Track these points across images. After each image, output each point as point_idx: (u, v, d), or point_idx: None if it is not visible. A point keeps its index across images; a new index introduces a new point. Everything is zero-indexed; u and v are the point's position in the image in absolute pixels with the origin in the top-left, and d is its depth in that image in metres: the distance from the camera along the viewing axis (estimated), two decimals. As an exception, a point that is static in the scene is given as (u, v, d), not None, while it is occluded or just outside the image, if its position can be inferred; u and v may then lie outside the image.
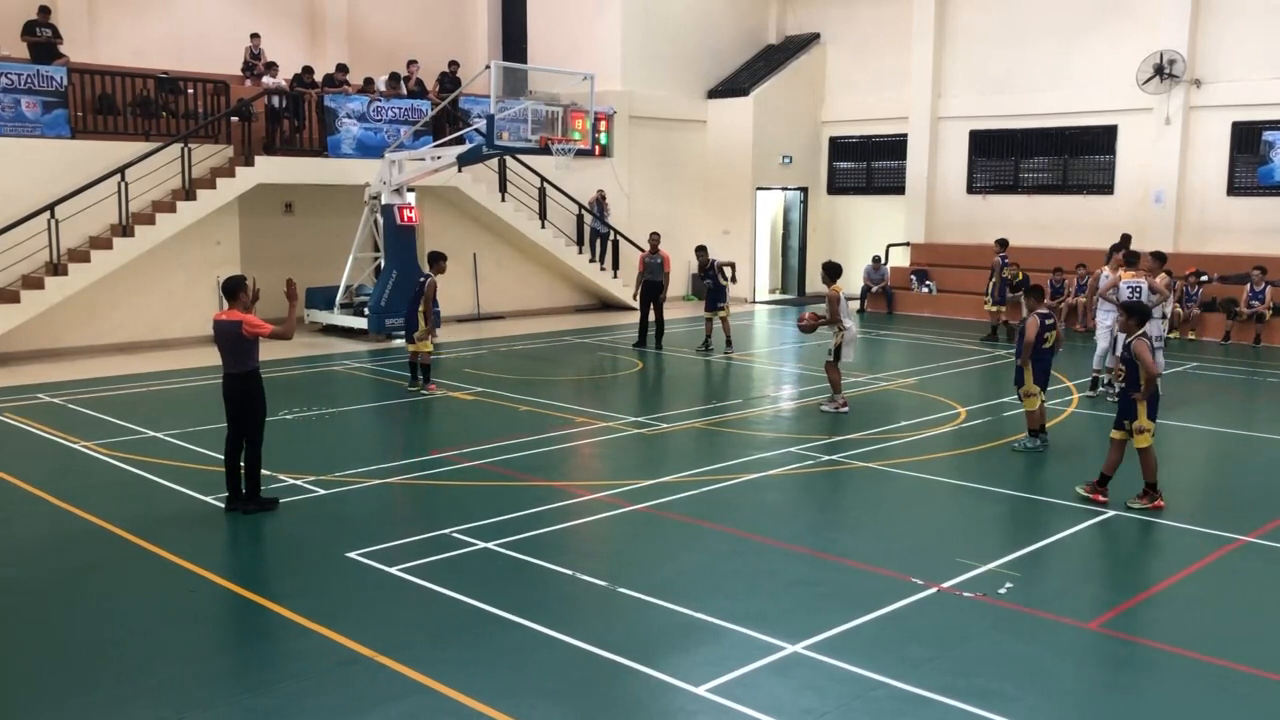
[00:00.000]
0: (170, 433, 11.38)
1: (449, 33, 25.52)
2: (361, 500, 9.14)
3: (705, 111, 25.82)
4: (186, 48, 21.07)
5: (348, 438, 11.74)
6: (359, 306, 19.03)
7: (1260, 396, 14.68)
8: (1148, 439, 8.71)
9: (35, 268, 16.14)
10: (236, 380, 8.57)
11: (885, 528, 8.73)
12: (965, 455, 10.88)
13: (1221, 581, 7.54)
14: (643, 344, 17.66)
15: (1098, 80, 22.11)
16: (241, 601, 7.00)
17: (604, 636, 6.27)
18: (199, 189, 17.53)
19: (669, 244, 24.49)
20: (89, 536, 8.18)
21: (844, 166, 26.94)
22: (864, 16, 25.75)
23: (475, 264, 21.33)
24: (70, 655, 6.12)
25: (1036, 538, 8.21)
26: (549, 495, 9.25)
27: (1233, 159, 20.83)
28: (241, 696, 5.63)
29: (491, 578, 7.29)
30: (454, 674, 5.78)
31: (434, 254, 14.39)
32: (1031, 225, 22.84)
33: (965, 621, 6.59)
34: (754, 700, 5.50)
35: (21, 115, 16.26)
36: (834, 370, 12.76)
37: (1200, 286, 19.79)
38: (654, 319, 17.64)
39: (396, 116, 19.83)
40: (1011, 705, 5.48)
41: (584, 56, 22.74)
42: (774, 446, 11.07)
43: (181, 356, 16.20)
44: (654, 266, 17.57)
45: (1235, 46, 20.51)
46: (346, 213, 19.48)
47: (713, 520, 8.59)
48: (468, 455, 10.55)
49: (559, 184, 21.78)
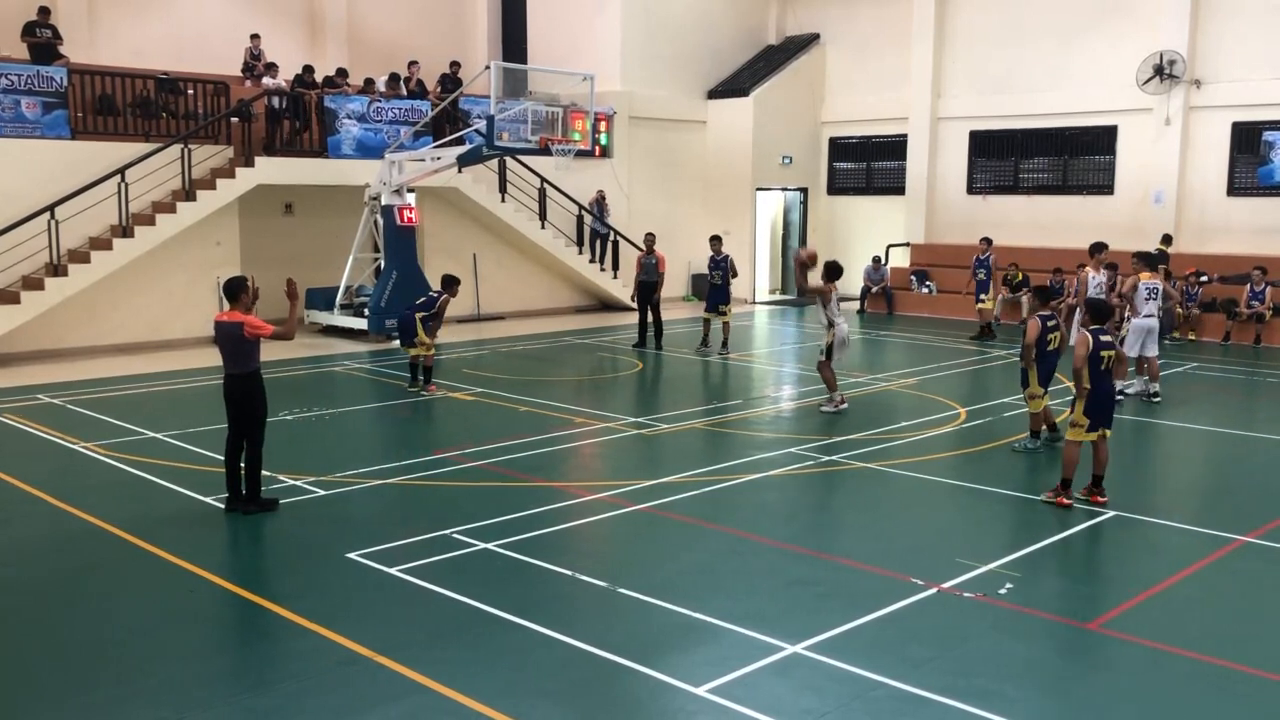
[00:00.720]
0: (170, 433, 11.38)
1: (449, 33, 25.54)
2: (362, 501, 9.14)
3: (705, 112, 25.83)
4: (186, 48, 21.08)
5: (348, 438, 11.74)
6: (359, 307, 19.03)
7: (1260, 397, 14.68)
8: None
9: (35, 268, 16.14)
10: (238, 381, 8.57)
11: (885, 528, 8.73)
12: (965, 456, 10.88)
13: (1221, 582, 7.54)
14: (642, 344, 17.66)
15: (1098, 80, 22.11)
16: (241, 602, 7.00)
17: (604, 637, 6.27)
18: (199, 190, 17.53)
19: (668, 245, 24.55)
20: (89, 537, 8.18)
21: (844, 167, 26.94)
22: (864, 17, 25.75)
23: (475, 264, 21.32)
24: (70, 655, 6.12)
25: (1036, 538, 8.20)
26: (549, 496, 9.25)
27: (1233, 159, 20.83)
28: (241, 696, 5.63)
29: (492, 578, 7.29)
30: (454, 674, 5.78)
31: (451, 278, 14.30)
32: (1031, 225, 22.86)
33: (965, 622, 6.59)
34: (754, 701, 5.50)
35: (21, 116, 16.26)
36: (826, 369, 12.79)
37: (1200, 287, 19.79)
38: (651, 319, 17.66)
39: (396, 117, 19.83)
40: (1012, 706, 5.48)
41: (584, 57, 22.74)
42: (774, 447, 11.07)
43: (182, 357, 16.20)
44: (649, 267, 17.58)
45: (1235, 47, 20.51)
46: (346, 213, 19.49)
47: (713, 520, 8.59)
48: (468, 456, 10.55)
49: (559, 184, 21.79)
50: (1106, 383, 8.88)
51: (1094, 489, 8.94)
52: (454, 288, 14.19)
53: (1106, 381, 8.87)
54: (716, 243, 17.61)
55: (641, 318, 17.76)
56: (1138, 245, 20.75)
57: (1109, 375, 8.90)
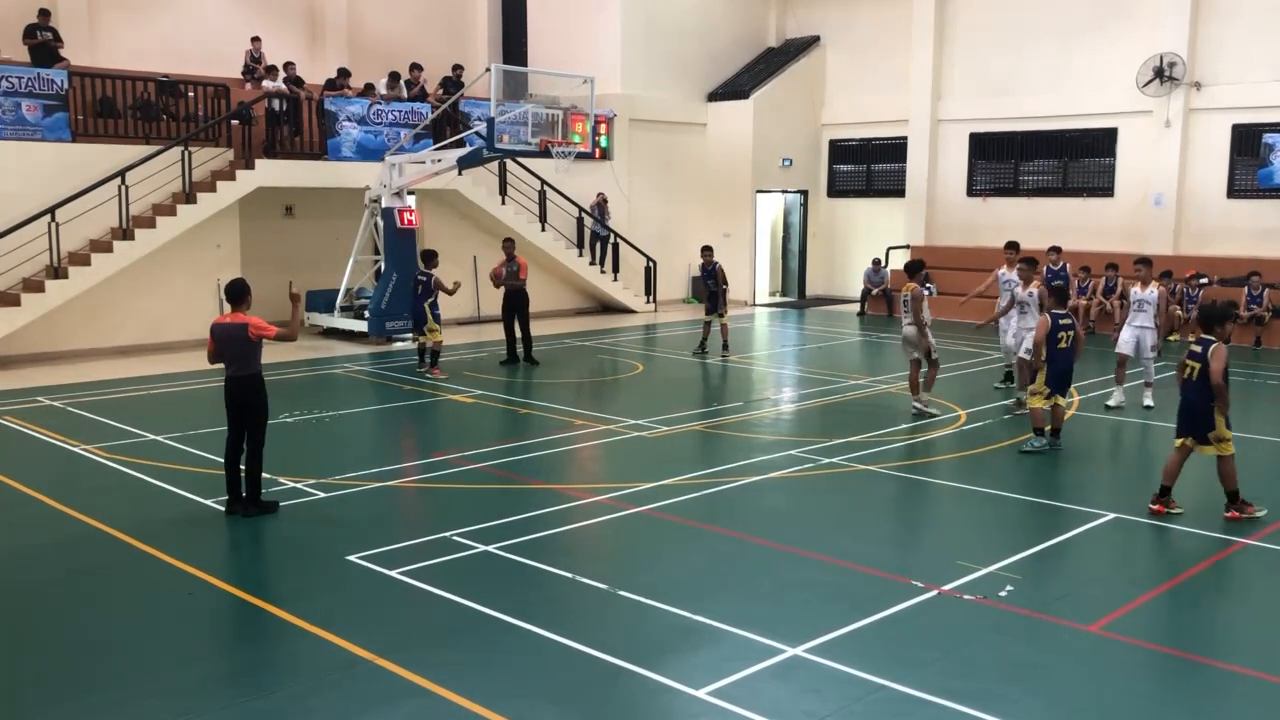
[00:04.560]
0: (170, 436, 11.37)
1: (449, 36, 25.56)
2: (362, 503, 9.14)
3: (705, 114, 25.83)
4: (187, 51, 21.08)
5: (348, 441, 11.74)
6: (359, 309, 19.04)
7: (1260, 399, 14.67)
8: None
9: (36, 271, 16.15)
10: (240, 382, 8.56)
11: (885, 530, 8.73)
12: (966, 458, 10.87)
13: (1223, 584, 7.54)
14: (512, 360, 16.17)
15: (1098, 83, 22.12)
16: (242, 604, 7.00)
17: (604, 639, 6.26)
18: (199, 192, 17.54)
19: (668, 246, 24.71)
20: (89, 539, 8.18)
21: (844, 169, 26.95)
22: (864, 19, 25.77)
23: (475, 266, 21.33)
24: (70, 657, 6.12)
25: (1037, 540, 8.20)
26: (549, 498, 9.25)
27: (1233, 161, 20.84)
28: (242, 699, 5.63)
29: (492, 580, 7.28)
30: (454, 676, 5.78)
31: (428, 252, 15.67)
32: (1031, 228, 22.81)
33: (966, 624, 6.58)
34: (754, 703, 5.49)
35: (22, 118, 16.26)
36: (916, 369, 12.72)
37: (1200, 289, 19.79)
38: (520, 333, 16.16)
39: (396, 120, 19.84)
40: (1013, 708, 5.47)
41: (584, 59, 22.75)
42: (774, 449, 11.07)
43: (182, 359, 16.18)
44: (511, 274, 16.13)
45: (1235, 49, 20.52)
46: (347, 216, 19.49)
47: (713, 523, 8.59)
48: (468, 458, 10.55)
49: (559, 187, 21.79)
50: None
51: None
52: (435, 260, 15.53)
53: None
54: (707, 253, 17.48)
55: (509, 330, 16.23)
56: (1138, 248, 20.89)
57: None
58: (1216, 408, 8.37)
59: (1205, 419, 8.44)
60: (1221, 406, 8.37)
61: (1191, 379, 8.51)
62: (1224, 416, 8.42)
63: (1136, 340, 12.98)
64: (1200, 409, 8.45)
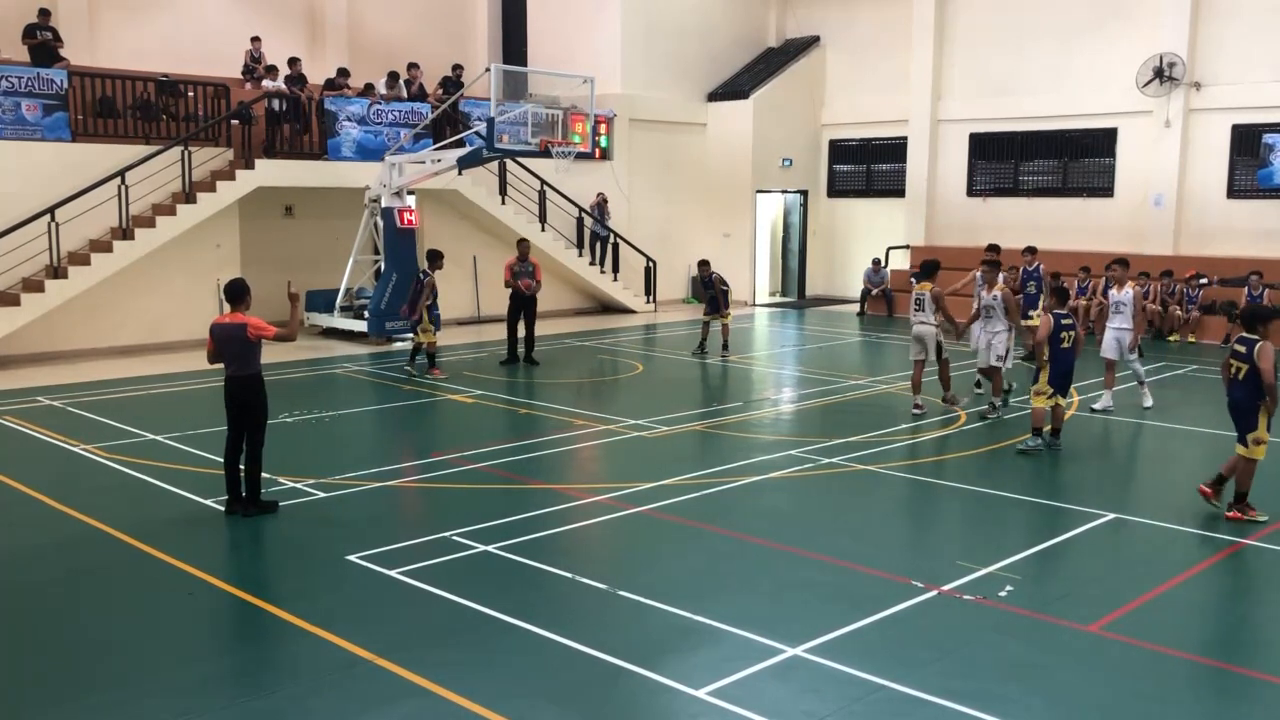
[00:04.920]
0: (170, 436, 11.37)
1: (449, 36, 25.54)
2: (362, 503, 9.13)
3: (705, 114, 25.83)
4: (186, 51, 21.07)
5: (348, 441, 11.74)
6: (359, 309, 19.04)
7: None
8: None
9: (35, 271, 16.14)
10: (240, 382, 8.56)
11: (885, 530, 8.73)
12: (965, 458, 10.87)
13: (1223, 584, 7.55)
14: (513, 360, 16.13)
15: (1098, 83, 22.12)
16: (241, 604, 7.00)
17: (604, 639, 6.26)
18: (199, 192, 17.54)
19: (668, 247, 24.69)
20: (88, 540, 8.18)
21: (844, 169, 26.95)
22: (864, 19, 25.77)
23: (475, 266, 21.32)
24: (70, 658, 6.12)
25: (1037, 540, 8.20)
26: (549, 498, 9.25)
27: (1233, 162, 20.83)
28: (242, 699, 5.63)
29: (492, 581, 7.28)
30: (454, 677, 5.78)
31: (433, 252, 15.47)
32: (1031, 228, 22.81)
33: (966, 624, 6.58)
34: (754, 703, 5.49)
35: (22, 118, 16.26)
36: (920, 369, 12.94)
37: (1200, 289, 19.79)
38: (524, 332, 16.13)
39: (396, 119, 19.83)
40: (1012, 708, 5.47)
41: (584, 59, 22.75)
42: (774, 449, 11.07)
43: (182, 359, 16.18)
44: (525, 274, 16.10)
45: (1235, 49, 20.52)
46: (346, 216, 19.48)
47: (713, 523, 8.59)
48: (468, 458, 10.55)
49: (559, 187, 21.79)
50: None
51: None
52: (439, 261, 15.46)
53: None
54: (704, 267, 17.47)
55: (512, 329, 16.16)
56: (1138, 248, 20.90)
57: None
58: (1264, 406, 8.39)
59: (1250, 418, 8.48)
60: (1271, 405, 8.38)
61: (1238, 378, 8.52)
62: (1269, 416, 8.41)
63: (1116, 341, 12.96)
64: (1245, 407, 8.51)
